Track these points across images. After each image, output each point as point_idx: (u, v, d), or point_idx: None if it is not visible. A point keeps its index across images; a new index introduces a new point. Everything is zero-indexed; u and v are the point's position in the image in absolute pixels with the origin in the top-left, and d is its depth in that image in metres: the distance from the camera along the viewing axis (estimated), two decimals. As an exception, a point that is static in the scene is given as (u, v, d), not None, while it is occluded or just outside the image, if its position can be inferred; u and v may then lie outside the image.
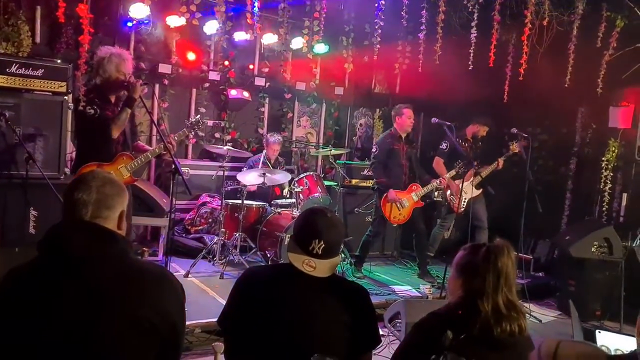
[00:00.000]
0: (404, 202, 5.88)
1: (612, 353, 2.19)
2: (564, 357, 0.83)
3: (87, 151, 4.29)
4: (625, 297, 5.10)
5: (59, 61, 5.17)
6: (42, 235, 1.67)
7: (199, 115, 5.43)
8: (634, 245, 5.42)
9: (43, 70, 4.78)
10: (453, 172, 6.01)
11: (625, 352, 0.75)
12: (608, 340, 2.29)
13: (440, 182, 6.03)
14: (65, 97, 4.88)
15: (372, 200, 6.49)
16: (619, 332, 2.31)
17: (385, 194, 5.84)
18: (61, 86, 4.90)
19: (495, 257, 2.02)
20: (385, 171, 5.95)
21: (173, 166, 4.01)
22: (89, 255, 1.62)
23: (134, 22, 6.01)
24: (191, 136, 5.25)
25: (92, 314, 1.56)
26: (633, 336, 2.27)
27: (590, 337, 2.29)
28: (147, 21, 6.10)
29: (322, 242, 2.12)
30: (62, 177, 4.53)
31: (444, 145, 6.25)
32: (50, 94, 4.70)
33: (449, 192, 6.20)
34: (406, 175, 6.06)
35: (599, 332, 2.31)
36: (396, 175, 5.98)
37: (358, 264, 6.14)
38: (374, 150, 6.11)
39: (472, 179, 6.16)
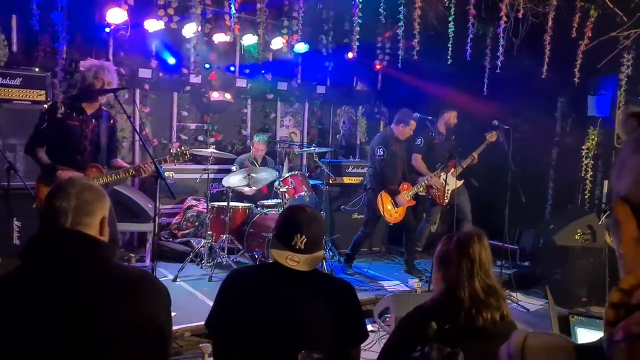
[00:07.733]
0: (400, 201, 5.93)
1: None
2: (531, 349, 0.86)
3: (51, 158, 4.13)
4: (609, 282, 5.17)
5: (37, 70, 5.14)
6: (26, 246, 1.66)
7: (184, 148, 5.07)
8: (599, 223, 5.50)
9: (21, 79, 4.75)
10: (438, 176, 6.09)
11: (592, 342, 0.78)
12: (580, 322, 2.36)
13: (428, 179, 6.10)
14: (45, 106, 4.84)
15: (358, 198, 6.51)
16: (589, 313, 2.39)
17: (382, 193, 5.86)
18: (40, 95, 4.88)
19: (466, 245, 2.04)
20: (385, 171, 5.98)
21: (154, 169, 3.97)
22: (71, 263, 1.61)
23: (112, 27, 5.97)
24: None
25: (74, 320, 1.56)
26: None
27: (565, 321, 2.35)
28: (125, 27, 6.04)
29: (304, 236, 2.14)
30: (44, 186, 4.48)
31: (418, 141, 6.31)
32: (30, 102, 4.67)
33: (434, 187, 6.26)
34: (401, 175, 6.11)
35: (572, 316, 2.37)
36: (394, 175, 6.02)
37: (348, 261, 6.17)
38: (379, 152, 5.98)
39: (453, 170, 6.22)
